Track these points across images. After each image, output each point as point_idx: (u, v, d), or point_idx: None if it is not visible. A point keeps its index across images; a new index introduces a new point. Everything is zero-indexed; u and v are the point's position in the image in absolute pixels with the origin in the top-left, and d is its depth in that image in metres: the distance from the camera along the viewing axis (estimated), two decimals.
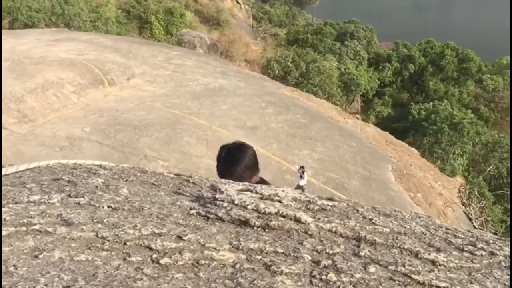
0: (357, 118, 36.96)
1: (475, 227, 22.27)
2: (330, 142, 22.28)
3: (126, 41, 34.43)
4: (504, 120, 47.81)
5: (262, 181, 3.04)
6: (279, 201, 1.31)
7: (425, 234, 1.25)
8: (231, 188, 1.41)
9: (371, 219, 1.26)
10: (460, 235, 1.27)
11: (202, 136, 20.51)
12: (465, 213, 22.98)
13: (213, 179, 1.65)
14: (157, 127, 20.86)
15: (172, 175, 1.65)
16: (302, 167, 17.56)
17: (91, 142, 19.07)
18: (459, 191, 24.22)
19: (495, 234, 25.01)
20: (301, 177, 17.29)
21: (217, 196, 1.31)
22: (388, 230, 1.22)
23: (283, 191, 1.41)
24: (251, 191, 1.39)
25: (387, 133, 27.77)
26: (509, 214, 27.25)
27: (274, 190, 1.42)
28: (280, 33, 58.33)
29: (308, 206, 1.29)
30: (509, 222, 26.98)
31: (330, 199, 1.42)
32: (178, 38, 42.39)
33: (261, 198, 1.33)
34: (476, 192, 24.84)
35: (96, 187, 1.34)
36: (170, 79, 27.33)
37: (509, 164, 29.08)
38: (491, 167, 29.24)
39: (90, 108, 22.02)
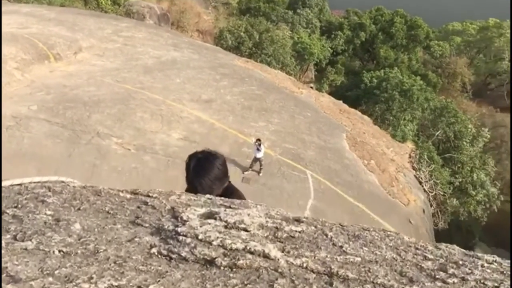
0: (311, 87, 37.24)
1: (425, 191, 23.22)
2: (286, 113, 22.38)
3: (71, 13, 32.83)
4: (450, 85, 49.47)
5: (230, 187, 2.97)
6: (245, 230, 1.23)
7: (396, 260, 1.22)
8: (193, 215, 1.31)
9: (341, 247, 1.21)
10: (429, 256, 1.24)
11: (156, 111, 20.09)
12: (415, 177, 23.84)
13: (173, 198, 1.52)
14: (109, 103, 20.21)
15: (128, 196, 1.51)
16: (258, 139, 17.64)
17: (39, 120, 18.27)
18: (410, 156, 25.03)
19: (444, 195, 26.17)
20: (258, 149, 17.39)
21: (179, 229, 1.21)
22: (359, 259, 1.17)
23: (248, 214, 1.32)
24: (215, 218, 1.30)
25: (341, 101, 28.17)
26: (456, 176, 28.51)
27: (239, 215, 1.32)
28: (232, 2, 57.30)
29: (276, 234, 1.22)
30: (456, 183, 28.29)
31: (298, 221, 1.33)
32: (126, 9, 40.80)
33: (226, 227, 1.24)
34: (425, 157, 25.72)
35: (45, 223, 1.21)
36: (120, 52, 26.42)
37: (456, 128, 30.22)
38: (439, 131, 30.29)
39: (36, 85, 21.01)
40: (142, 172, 16.79)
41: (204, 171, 2.70)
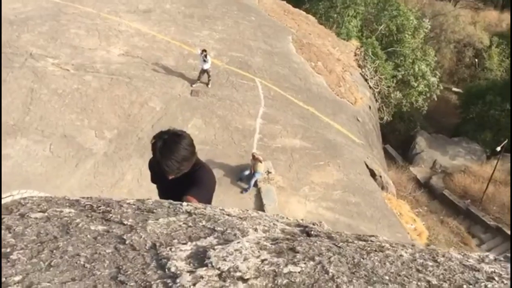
0: None
1: (370, 87, 23.80)
2: (229, 19, 21.58)
3: None
4: None
5: (197, 163, 2.87)
6: (242, 279, 1.16)
7: None
8: (180, 261, 1.20)
9: None
10: (433, 281, 1.22)
11: (92, 26, 18.83)
12: (361, 74, 24.28)
13: (151, 225, 1.38)
14: (38, 20, 18.69)
15: (100, 228, 1.33)
16: (204, 50, 17.10)
17: None
18: (355, 54, 25.24)
19: (388, 89, 26.96)
20: (204, 60, 16.93)
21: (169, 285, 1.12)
22: None
23: (240, 252, 1.22)
24: (206, 265, 1.21)
25: (284, 2, 27.32)
26: (398, 69, 29.21)
27: (232, 256, 1.21)
28: None
29: (276, 282, 1.16)
30: (399, 76, 29.09)
31: (293, 250, 1.25)
32: None
33: (220, 277, 1.17)
34: (370, 53, 26.04)
35: None
36: None
37: (399, 21, 30.35)
38: (382, 26, 30.40)
39: None
40: (85, 93, 16.13)
41: (171, 153, 2.60)
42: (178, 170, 2.65)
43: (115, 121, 15.46)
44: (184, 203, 1.65)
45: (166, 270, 1.19)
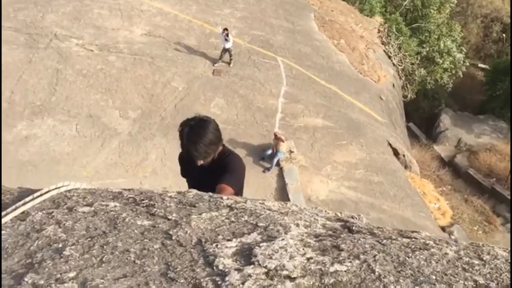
0: None
1: (394, 64, 23.40)
2: None
3: None
4: None
5: (226, 151, 2.91)
6: (289, 277, 1.18)
7: None
8: (227, 258, 1.22)
9: None
10: (480, 280, 1.22)
11: (114, 6, 18.88)
12: (385, 52, 23.86)
13: (194, 220, 1.39)
14: (62, 0, 18.81)
15: (146, 223, 1.35)
16: (225, 29, 17.01)
17: None
18: (379, 31, 24.76)
19: (412, 65, 26.47)
20: (226, 39, 16.86)
21: (221, 286, 1.14)
22: None
23: (286, 250, 1.23)
24: (253, 264, 1.23)
25: None
26: (423, 46, 28.59)
27: (278, 254, 1.22)
28: None
29: (323, 281, 1.17)
30: (424, 52, 28.50)
31: (338, 248, 1.25)
32: None
33: (267, 275, 1.19)
34: (394, 29, 25.51)
35: None
36: None
37: None
38: (406, 1, 29.69)
39: None
40: (109, 73, 16.28)
41: (199, 137, 2.64)
42: (206, 154, 2.70)
43: (138, 101, 15.60)
44: (224, 197, 1.68)
45: (214, 267, 1.21)
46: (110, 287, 1.11)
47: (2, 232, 1.36)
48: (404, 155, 18.59)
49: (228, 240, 1.34)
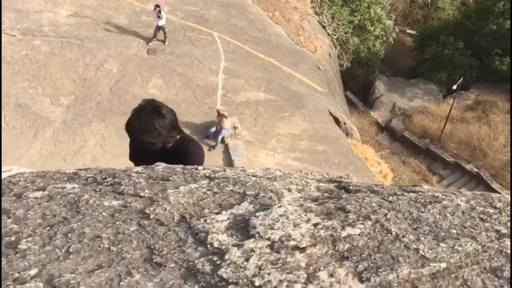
0: None
1: (329, 34, 23.65)
2: None
3: None
4: None
5: (186, 137, 2.69)
6: (298, 248, 1.01)
7: (478, 251, 1.03)
8: (221, 233, 1.03)
9: (416, 250, 0.98)
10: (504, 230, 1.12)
11: None
12: (319, 22, 24.03)
13: (178, 204, 1.17)
14: None
15: (115, 203, 1.12)
16: (157, 5, 16.33)
17: None
18: (312, 1, 24.84)
19: (345, 33, 26.84)
20: (158, 17, 16.21)
21: (223, 274, 0.94)
22: (445, 265, 0.98)
23: (287, 219, 1.06)
24: (254, 237, 1.04)
25: None
26: (354, 14, 29.06)
27: (279, 223, 1.05)
28: None
29: (337, 248, 1.01)
30: (356, 21, 28.98)
31: (344, 210, 1.10)
32: None
33: (272, 249, 1.01)
34: None
35: None
36: None
37: None
38: None
39: None
40: (36, 59, 15.28)
41: (153, 122, 2.40)
42: (161, 140, 2.48)
43: (70, 86, 14.79)
44: (200, 167, 1.50)
45: (208, 245, 1.03)
46: (84, 281, 0.91)
47: None
48: (345, 123, 18.98)
49: (217, 213, 1.16)
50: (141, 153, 2.67)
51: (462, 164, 24.52)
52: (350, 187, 1.36)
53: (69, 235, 1.07)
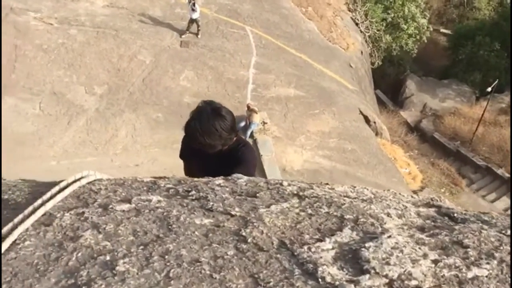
0: None
1: (361, 31, 23.32)
2: None
3: None
4: None
5: (241, 140, 2.65)
6: None
7: None
8: (331, 267, 0.94)
9: None
10: None
11: None
12: (352, 19, 23.70)
13: (274, 227, 1.07)
14: None
15: (206, 222, 1.04)
16: None
17: None
18: None
19: (378, 31, 26.43)
20: (193, 10, 16.23)
21: None
22: None
23: (401, 252, 0.96)
24: (368, 272, 0.93)
25: None
26: (388, 12, 28.57)
27: (394, 257, 0.95)
28: None
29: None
30: (389, 19, 28.50)
31: (461, 245, 0.99)
32: None
33: (390, 287, 0.93)
34: None
35: None
36: None
37: None
38: None
39: None
40: (71, 48, 15.49)
41: (214, 124, 2.36)
42: (219, 142, 2.44)
43: (104, 76, 14.95)
44: (285, 182, 1.43)
45: (320, 279, 0.95)
46: None
47: (26, 243, 1.07)
48: (375, 122, 18.71)
49: (319, 240, 1.09)
50: (195, 153, 2.62)
51: (493, 169, 23.90)
52: (455, 215, 1.27)
53: (166, 257, 1.02)
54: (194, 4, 15.94)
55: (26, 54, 14.78)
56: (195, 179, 1.49)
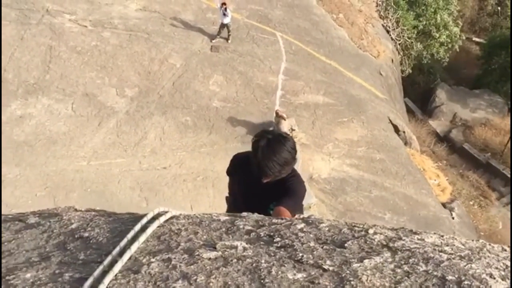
0: None
1: (392, 39, 23.04)
2: None
3: None
4: None
5: (293, 171, 2.62)
6: None
7: None
8: None
9: None
10: None
11: None
12: (383, 26, 23.43)
13: (374, 287, 1.03)
14: None
15: (300, 277, 1.00)
16: (223, 3, 16.40)
17: None
18: (377, 5, 24.25)
19: (409, 39, 26.05)
20: (224, 14, 16.29)
21: None
22: None
23: None
24: None
25: None
26: (420, 19, 28.14)
27: None
28: None
29: None
30: (420, 26, 28.07)
31: None
32: None
33: None
34: (392, 3, 25.01)
35: None
36: None
37: None
38: None
39: None
40: (104, 50, 15.73)
41: (274, 154, 2.34)
42: (278, 173, 2.41)
43: (135, 79, 15.12)
44: (370, 231, 1.38)
45: None
46: None
47: None
48: (404, 132, 18.42)
49: None
50: (245, 176, 2.60)
51: None
52: None
53: None
54: (226, 9, 16.00)
55: (60, 55, 15.06)
56: (273, 220, 1.45)
